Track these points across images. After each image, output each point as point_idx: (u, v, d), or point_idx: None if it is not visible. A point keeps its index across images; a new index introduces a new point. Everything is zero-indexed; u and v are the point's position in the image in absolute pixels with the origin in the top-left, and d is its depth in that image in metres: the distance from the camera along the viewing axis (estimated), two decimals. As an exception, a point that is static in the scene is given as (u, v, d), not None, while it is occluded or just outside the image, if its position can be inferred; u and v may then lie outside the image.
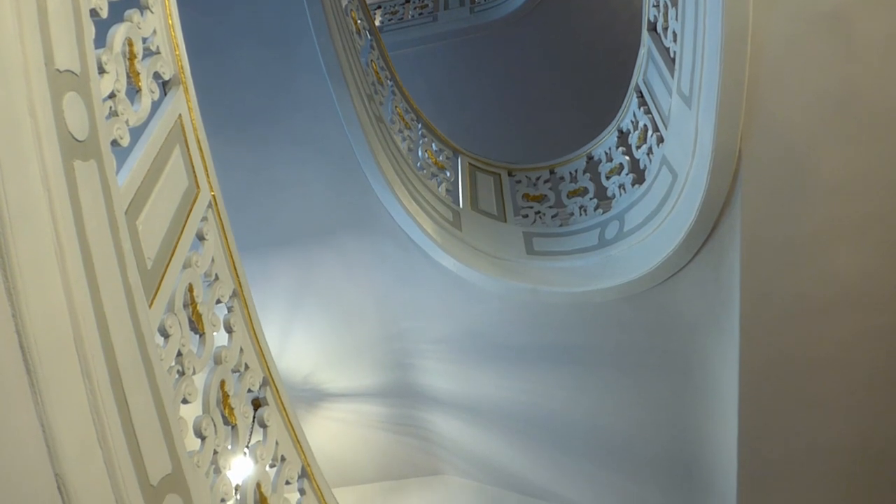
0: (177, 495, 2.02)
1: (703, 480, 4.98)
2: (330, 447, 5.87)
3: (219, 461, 2.37)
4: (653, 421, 4.95)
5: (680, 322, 4.36)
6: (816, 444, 4.37)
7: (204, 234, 2.64)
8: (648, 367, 4.71)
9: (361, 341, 5.41)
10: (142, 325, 2.05)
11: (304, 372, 5.61)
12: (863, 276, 3.75)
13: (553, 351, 4.91)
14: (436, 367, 5.42)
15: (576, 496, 5.74)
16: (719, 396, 4.42)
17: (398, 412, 5.84)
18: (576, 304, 4.56)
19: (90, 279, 1.86)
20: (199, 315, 2.46)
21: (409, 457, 6.19)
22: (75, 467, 1.69)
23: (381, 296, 5.12)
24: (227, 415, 2.50)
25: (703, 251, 3.94)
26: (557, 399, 5.16)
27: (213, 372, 2.51)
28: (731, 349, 4.06)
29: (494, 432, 5.69)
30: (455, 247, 4.82)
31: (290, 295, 5.27)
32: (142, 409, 1.96)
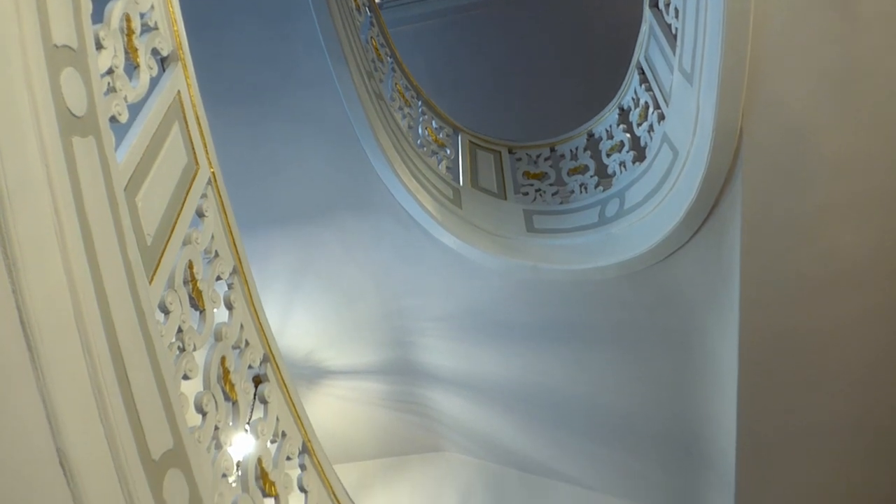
0: (178, 470, 2.04)
1: (703, 457, 5.02)
2: (331, 424, 5.91)
3: (220, 437, 2.39)
4: (653, 398, 4.98)
5: (680, 299, 4.37)
6: (815, 421, 4.39)
7: (203, 210, 2.64)
8: (648, 344, 4.72)
9: (362, 319, 5.43)
10: (142, 302, 2.05)
11: (304, 350, 5.63)
12: (863, 255, 3.75)
13: (553, 328, 4.92)
14: (436, 345, 5.44)
15: (576, 473, 5.78)
16: (719, 373, 4.44)
17: (399, 389, 5.87)
18: (576, 281, 4.56)
19: (90, 256, 1.86)
20: (199, 292, 2.47)
21: (409, 434, 6.23)
22: (77, 442, 1.70)
23: (382, 273, 5.13)
24: (228, 391, 2.51)
25: (703, 229, 3.93)
26: (558, 376, 5.18)
27: (213, 348, 2.51)
28: (731, 326, 4.07)
29: (495, 409, 5.72)
30: (455, 224, 4.82)
31: (291, 273, 5.28)
32: (143, 384, 1.97)
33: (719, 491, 4.96)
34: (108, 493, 1.76)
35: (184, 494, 2.04)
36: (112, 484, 1.78)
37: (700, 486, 5.21)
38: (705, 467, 5.05)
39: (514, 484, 6.01)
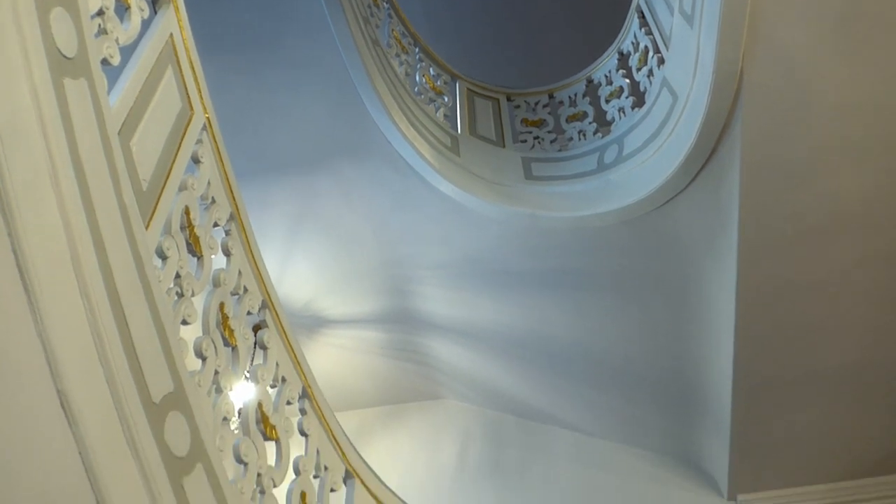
0: (179, 413, 2.05)
1: (699, 402, 5.07)
2: (331, 373, 5.95)
3: (220, 381, 2.41)
4: (650, 344, 5.01)
5: (678, 245, 4.37)
6: (811, 366, 4.44)
7: (199, 156, 2.62)
8: (646, 290, 4.74)
9: (360, 267, 5.44)
10: (139, 247, 2.05)
11: (303, 298, 5.65)
12: (863, 198, 3.74)
13: (551, 276, 4.93)
14: (435, 293, 5.45)
15: (574, 419, 5.85)
16: (716, 319, 4.46)
17: (398, 338, 5.90)
18: (574, 228, 4.56)
19: (85, 199, 1.85)
20: (196, 238, 2.46)
21: (408, 382, 6.28)
22: (77, 384, 1.70)
23: (380, 222, 5.12)
24: (228, 336, 2.52)
25: (702, 174, 3.92)
26: (556, 323, 5.21)
27: (211, 294, 2.52)
28: (729, 272, 4.08)
29: (493, 357, 5.76)
30: (453, 172, 4.80)
31: (289, 221, 5.27)
32: (141, 328, 1.97)
33: (715, 436, 5.04)
34: (110, 435, 1.78)
35: (185, 437, 2.06)
36: (114, 425, 1.79)
37: (696, 431, 5.29)
38: (701, 413, 5.12)
39: (512, 430, 6.08)
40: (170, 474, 1.94)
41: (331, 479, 2.88)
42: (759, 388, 4.52)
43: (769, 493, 5.12)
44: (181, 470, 2.01)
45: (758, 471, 5.02)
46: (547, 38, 8.34)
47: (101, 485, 1.72)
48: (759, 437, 4.80)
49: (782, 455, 4.90)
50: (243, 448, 2.43)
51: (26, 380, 1.62)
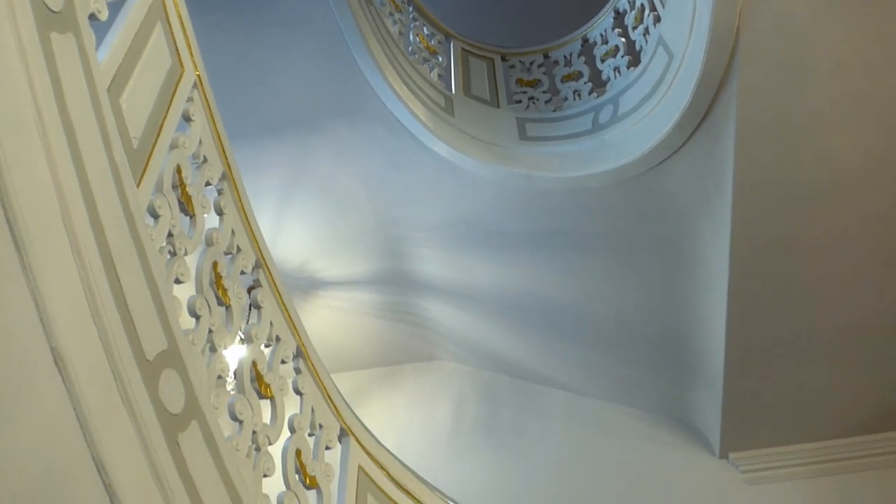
0: (173, 370, 2.06)
1: (692, 362, 5.11)
2: (326, 334, 5.97)
3: (214, 340, 2.41)
4: (644, 305, 5.03)
5: (673, 206, 4.37)
6: (804, 327, 4.46)
7: (190, 114, 2.59)
8: (641, 251, 4.75)
9: (355, 229, 5.43)
10: (130, 205, 2.03)
11: (298, 260, 5.65)
12: (858, 159, 3.74)
13: (546, 237, 4.93)
14: (429, 255, 5.45)
15: (568, 379, 5.90)
16: (710, 280, 4.48)
17: (393, 299, 5.92)
18: (569, 189, 4.55)
19: (74, 156, 1.83)
20: (188, 196, 2.45)
21: (403, 343, 6.31)
22: (70, 341, 1.70)
23: (374, 183, 5.10)
24: (221, 296, 2.52)
25: (697, 133, 3.90)
26: (550, 284, 5.22)
27: (204, 253, 2.51)
28: (723, 233, 4.09)
29: (488, 318, 5.79)
30: (447, 133, 4.77)
31: (282, 183, 5.25)
32: (134, 286, 1.97)
33: (707, 395, 5.08)
34: (105, 391, 1.78)
35: (180, 394, 2.07)
36: (108, 382, 1.80)
37: (689, 391, 5.33)
38: (694, 372, 5.16)
39: (506, 390, 6.12)
40: (165, 431, 1.95)
41: (325, 437, 2.90)
42: (752, 348, 4.56)
43: (760, 451, 5.18)
44: (176, 427, 2.02)
45: (749, 429, 5.07)
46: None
47: (96, 440, 1.73)
48: (750, 396, 4.84)
49: (773, 414, 4.96)
50: (238, 406, 2.44)
51: (19, 337, 1.62)
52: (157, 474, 1.90)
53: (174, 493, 1.94)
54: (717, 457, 5.29)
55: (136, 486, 1.83)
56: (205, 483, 2.09)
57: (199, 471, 2.07)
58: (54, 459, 1.66)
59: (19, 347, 1.62)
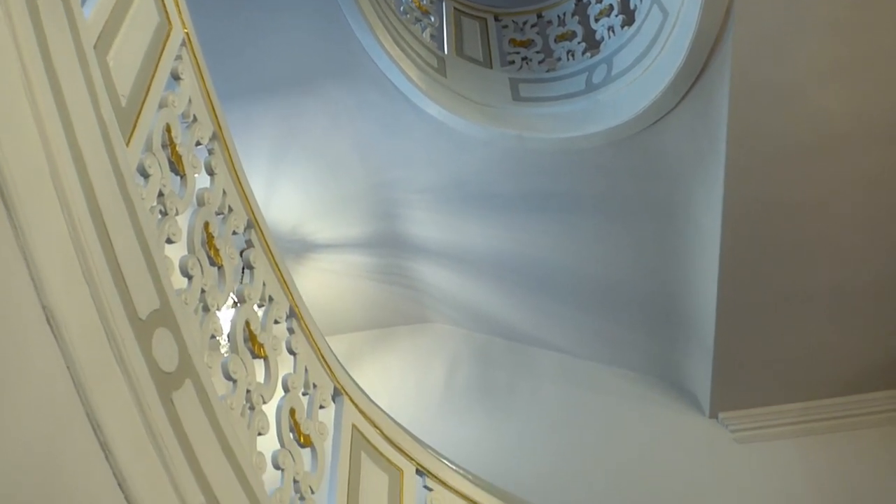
0: (166, 329, 2.06)
1: (684, 324, 5.15)
2: (319, 297, 5.98)
3: (207, 300, 2.41)
4: (636, 266, 5.05)
5: (666, 167, 4.36)
6: (795, 288, 4.49)
7: (179, 73, 2.56)
8: (633, 213, 4.75)
9: (347, 191, 5.41)
10: (120, 163, 2.02)
11: (290, 223, 5.63)
12: (853, 118, 3.73)
13: (538, 198, 4.92)
14: (422, 217, 5.44)
15: (561, 340, 5.93)
16: (702, 242, 4.49)
17: (386, 262, 5.92)
18: (562, 150, 4.53)
19: (62, 113, 1.81)
20: (178, 156, 2.43)
21: (397, 305, 6.33)
22: (62, 300, 1.70)
23: (366, 145, 5.07)
24: (213, 256, 2.51)
25: (691, 93, 3.89)
26: (543, 246, 5.22)
27: (196, 213, 2.50)
28: (716, 194, 4.09)
29: (481, 280, 5.80)
30: (440, 94, 4.73)
31: (274, 145, 5.21)
32: (125, 245, 1.96)
33: (698, 356, 5.13)
34: (98, 349, 1.79)
35: (173, 353, 2.08)
36: (100, 340, 1.80)
37: (679, 352, 5.38)
38: (685, 334, 5.19)
39: (499, 352, 6.16)
40: (159, 389, 1.96)
41: (319, 397, 2.92)
42: (743, 309, 4.58)
43: (749, 410, 5.25)
44: (170, 385, 2.03)
45: (738, 390, 5.13)
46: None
47: (90, 398, 1.74)
48: (740, 357, 4.89)
49: (762, 374, 5.01)
50: (232, 365, 2.45)
51: (11, 296, 1.62)
52: (152, 432, 1.91)
53: (169, 451, 1.96)
54: (706, 417, 5.36)
55: (131, 443, 1.84)
56: (200, 441, 2.11)
57: (193, 429, 2.09)
58: (48, 418, 1.67)
59: (11, 306, 1.62)
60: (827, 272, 4.37)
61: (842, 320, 4.60)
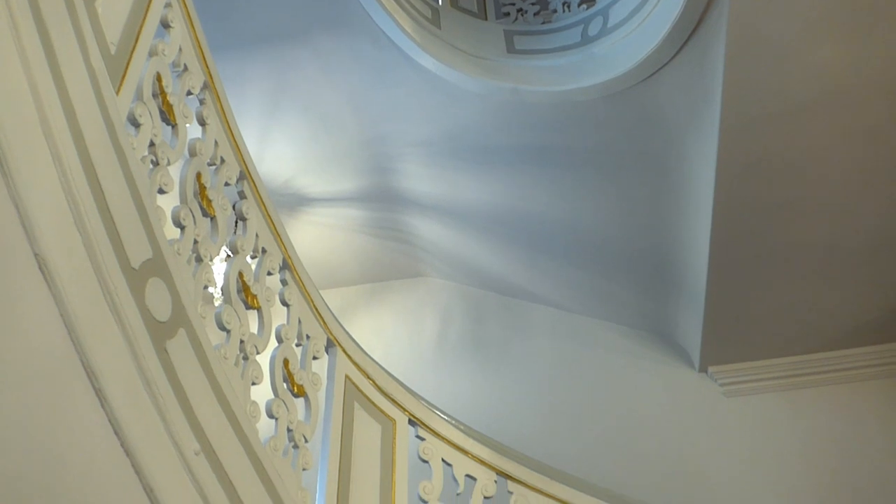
0: (159, 279, 2.06)
1: (675, 279, 5.18)
2: (313, 251, 5.99)
3: (200, 250, 2.41)
4: (629, 221, 5.06)
5: (661, 121, 4.34)
6: (787, 243, 4.51)
7: (169, 21, 2.52)
8: (627, 168, 4.74)
9: (341, 145, 5.37)
10: (110, 112, 2.00)
11: (284, 176, 5.61)
12: (849, 74, 3.70)
13: (532, 152, 4.90)
14: (416, 171, 5.43)
15: (553, 295, 5.97)
16: (695, 197, 4.49)
17: (380, 216, 5.91)
18: (556, 103, 4.50)
19: (51, 61, 1.79)
20: (169, 106, 2.41)
21: (391, 260, 6.35)
22: (54, 248, 1.70)
23: (360, 98, 5.02)
24: (206, 206, 2.50)
25: (687, 46, 3.85)
26: (536, 201, 5.22)
27: (188, 163, 2.48)
28: (710, 148, 4.08)
29: (475, 235, 5.81)
30: (434, 46, 4.67)
31: (267, 99, 5.16)
32: (117, 194, 1.95)
33: (689, 311, 5.17)
34: (91, 297, 1.79)
35: (166, 302, 2.08)
36: (93, 288, 1.80)
37: (671, 307, 5.42)
38: (677, 289, 5.23)
39: (492, 307, 6.21)
40: (153, 337, 1.97)
41: (313, 348, 2.94)
42: (734, 264, 4.61)
43: (738, 365, 5.33)
44: (164, 334, 2.04)
45: (728, 344, 5.20)
46: None
47: (84, 346, 1.75)
48: (731, 312, 4.94)
49: (752, 329, 5.07)
50: (225, 315, 2.46)
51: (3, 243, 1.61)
52: (147, 380, 1.93)
53: (164, 399, 1.98)
54: (696, 371, 5.44)
55: (125, 391, 1.86)
56: (194, 389, 2.13)
57: (187, 377, 2.11)
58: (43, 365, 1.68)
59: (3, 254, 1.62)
60: (820, 227, 4.39)
61: (833, 276, 4.64)
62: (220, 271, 3.59)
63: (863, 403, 5.07)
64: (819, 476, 4.84)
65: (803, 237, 4.47)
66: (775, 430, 5.10)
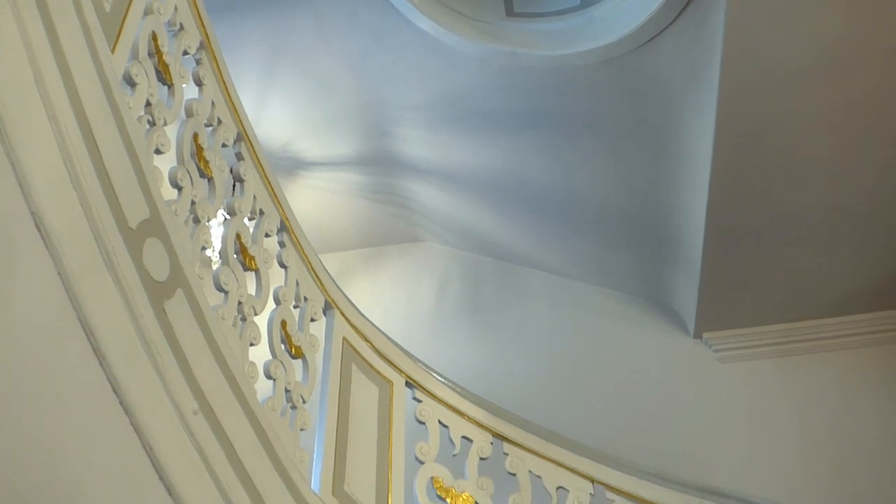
0: (157, 239, 2.07)
1: (672, 245, 5.19)
2: (311, 215, 5.98)
3: (197, 211, 2.41)
4: (626, 187, 5.05)
5: (659, 86, 4.32)
6: (781, 210, 4.51)
7: (164, -21, 2.49)
8: (625, 133, 4.72)
9: (339, 109, 5.34)
10: (105, 71, 1.99)
11: (281, 140, 5.58)
12: (851, 38, 3.67)
13: (530, 117, 4.88)
14: (414, 135, 5.40)
15: (551, 261, 5.98)
16: (692, 162, 4.48)
17: (378, 180, 5.90)
18: (555, 67, 4.46)
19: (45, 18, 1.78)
20: (165, 65, 2.39)
21: (389, 224, 6.34)
22: (51, 207, 1.70)
23: (358, 61, 4.98)
24: (203, 167, 2.50)
25: (687, 10, 3.81)
26: (533, 166, 5.21)
27: (185, 124, 2.47)
28: (709, 114, 4.06)
29: (472, 200, 5.80)
30: (433, 8, 4.61)
31: (264, 61, 5.11)
32: (113, 154, 1.95)
33: (685, 277, 5.19)
34: (88, 256, 1.80)
35: (164, 263, 2.09)
36: (91, 247, 1.81)
37: (667, 274, 5.44)
38: (673, 255, 5.24)
39: (489, 272, 6.22)
40: (150, 297, 1.98)
41: (310, 310, 2.96)
42: (730, 231, 4.62)
43: (732, 331, 5.35)
44: (162, 294, 2.05)
45: (723, 310, 5.22)
46: None
47: (82, 304, 1.76)
48: (726, 278, 4.95)
49: (748, 295, 5.09)
50: (223, 276, 2.47)
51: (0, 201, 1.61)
52: (145, 339, 1.94)
53: (162, 358, 1.99)
54: (691, 337, 5.47)
55: (123, 349, 1.87)
56: (192, 349, 2.14)
57: (186, 337, 2.12)
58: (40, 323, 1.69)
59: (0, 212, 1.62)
60: (817, 194, 4.39)
61: (830, 242, 4.65)
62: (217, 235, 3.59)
63: (856, 371, 5.10)
64: (811, 441, 4.89)
65: (800, 204, 4.46)
66: (769, 396, 5.14)
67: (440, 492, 3.00)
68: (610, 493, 3.20)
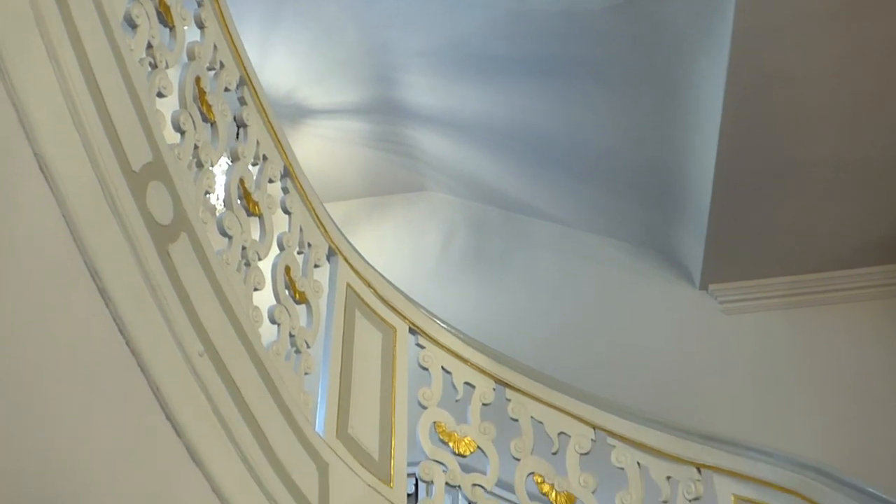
0: (160, 182, 2.06)
1: (679, 196, 5.15)
2: (315, 163, 5.96)
3: (200, 156, 2.39)
4: (635, 135, 5.00)
5: (670, 33, 4.24)
6: (794, 159, 4.46)
7: (164, -82, 2.44)
8: (634, 81, 4.65)
9: (343, 55, 5.27)
10: (105, 10, 1.96)
11: (285, 88, 5.53)
12: (867, -19, 3.59)
13: (537, 63, 4.80)
14: (418, 82, 5.34)
15: (556, 210, 5.96)
16: (703, 111, 4.42)
17: (382, 129, 5.85)
18: (564, 11, 4.38)
19: (42, -44, 1.74)
20: (166, 6, 2.35)
21: (393, 173, 6.32)
22: (54, 148, 1.70)
23: (362, 7, 4.89)
24: (206, 112, 2.48)
25: (700, -48, 3.73)
26: (540, 114, 5.15)
27: (187, 67, 2.45)
28: (720, 63, 3.99)
29: (477, 148, 5.76)
30: (438, -50, 4.53)
31: (266, 8, 5.03)
32: (115, 96, 1.93)
33: (692, 228, 5.16)
34: (92, 198, 1.79)
35: (168, 206, 2.08)
36: (94, 189, 1.80)
37: (674, 224, 5.41)
38: (681, 206, 5.21)
39: (495, 221, 6.21)
40: (155, 240, 1.98)
41: (314, 256, 2.96)
42: (740, 181, 4.58)
43: (738, 283, 5.35)
44: (166, 237, 2.05)
45: (730, 262, 5.21)
46: None
47: (87, 246, 1.76)
48: (733, 229, 4.93)
49: (754, 247, 5.06)
50: (227, 221, 2.47)
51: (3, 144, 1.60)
52: (150, 282, 1.95)
53: (168, 301, 2.00)
54: (697, 288, 5.47)
55: (129, 291, 1.88)
56: (197, 293, 2.15)
57: (190, 281, 2.13)
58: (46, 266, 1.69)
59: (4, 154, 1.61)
60: (828, 145, 4.33)
61: (838, 194, 4.61)
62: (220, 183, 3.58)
63: (863, 323, 5.10)
64: (816, 394, 4.91)
65: (810, 154, 4.41)
66: (774, 348, 5.15)
67: (443, 436, 3.04)
68: (611, 438, 3.23)
